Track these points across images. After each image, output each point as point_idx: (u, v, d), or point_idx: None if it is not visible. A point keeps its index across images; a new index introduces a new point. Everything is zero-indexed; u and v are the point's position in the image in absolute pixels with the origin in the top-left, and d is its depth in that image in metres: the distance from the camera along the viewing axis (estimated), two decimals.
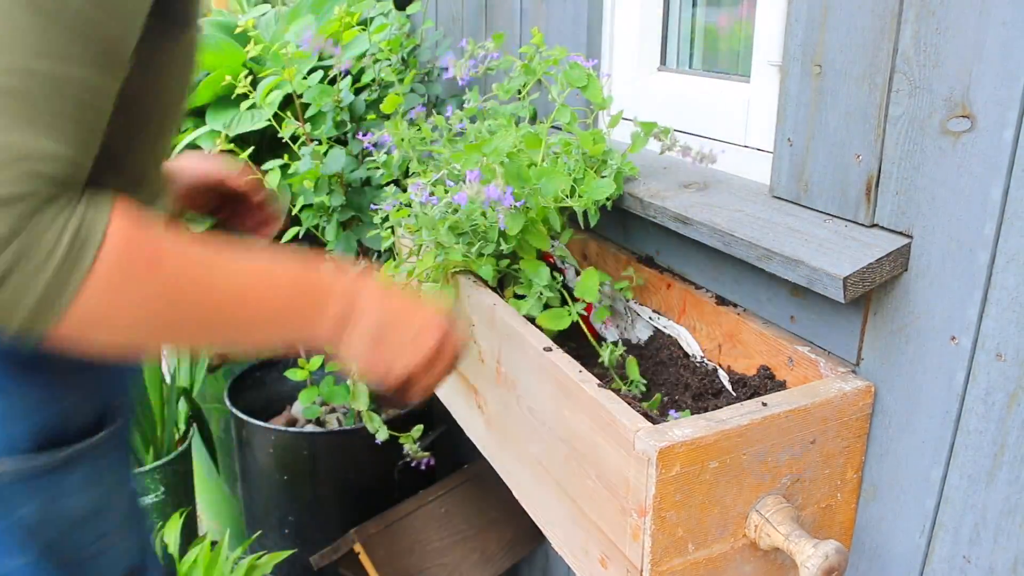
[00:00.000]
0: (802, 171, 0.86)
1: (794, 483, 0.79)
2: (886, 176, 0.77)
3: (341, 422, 2.00)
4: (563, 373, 0.84)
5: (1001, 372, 0.69)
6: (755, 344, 0.94)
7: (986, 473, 0.72)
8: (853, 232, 0.80)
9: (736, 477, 0.74)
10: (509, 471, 1.05)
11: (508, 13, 1.52)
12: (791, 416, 0.76)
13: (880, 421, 0.81)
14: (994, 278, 0.69)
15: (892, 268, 0.76)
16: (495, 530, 1.73)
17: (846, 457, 0.82)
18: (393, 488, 1.90)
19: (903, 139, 0.75)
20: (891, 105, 0.76)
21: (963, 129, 0.69)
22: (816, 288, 0.77)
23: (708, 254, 0.97)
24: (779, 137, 0.89)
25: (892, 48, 0.74)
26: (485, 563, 1.69)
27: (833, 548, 0.69)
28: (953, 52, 0.69)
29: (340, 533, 1.62)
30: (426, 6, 1.79)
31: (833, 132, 0.82)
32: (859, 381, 0.81)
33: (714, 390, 0.95)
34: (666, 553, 0.73)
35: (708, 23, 1.23)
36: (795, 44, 0.85)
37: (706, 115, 1.12)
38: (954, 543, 0.76)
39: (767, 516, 0.76)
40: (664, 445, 0.69)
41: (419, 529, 1.67)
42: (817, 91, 0.83)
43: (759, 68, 1.01)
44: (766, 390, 0.89)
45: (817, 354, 0.86)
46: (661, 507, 0.71)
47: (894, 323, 0.78)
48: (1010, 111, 0.65)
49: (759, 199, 0.93)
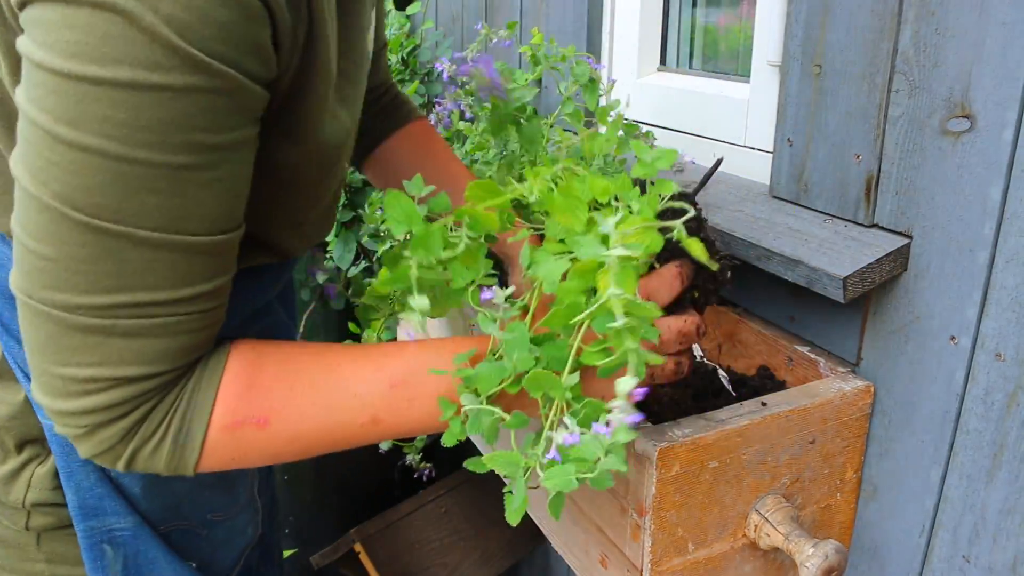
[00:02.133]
0: (802, 171, 0.86)
1: (794, 483, 0.79)
2: (886, 176, 0.77)
3: None
4: None
5: (1000, 372, 0.69)
6: (755, 344, 0.94)
7: (985, 473, 0.72)
8: (853, 232, 0.80)
9: (736, 477, 0.74)
10: None
11: (509, 13, 1.52)
12: (791, 416, 0.76)
13: (880, 421, 0.82)
14: (994, 278, 0.69)
15: (892, 268, 0.76)
16: (495, 530, 1.74)
17: (846, 457, 0.82)
18: (393, 488, 1.90)
19: (903, 139, 0.75)
20: (891, 105, 0.76)
21: (963, 129, 0.69)
22: (816, 288, 0.77)
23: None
24: (779, 137, 0.89)
25: (892, 48, 0.74)
26: (485, 563, 1.69)
27: (833, 548, 0.69)
28: (953, 52, 0.69)
29: (340, 533, 1.62)
30: (426, 6, 1.80)
31: (833, 132, 0.82)
32: (859, 381, 0.81)
33: (714, 390, 0.95)
34: (666, 553, 0.73)
35: (708, 23, 1.23)
36: (795, 44, 0.85)
37: (706, 115, 1.12)
38: (953, 543, 0.76)
39: (767, 516, 0.76)
40: (664, 445, 0.69)
41: (419, 529, 1.67)
42: (817, 91, 0.83)
43: (759, 68, 1.01)
44: (766, 390, 0.89)
45: (817, 354, 0.86)
46: (661, 507, 0.71)
47: (894, 323, 0.78)
48: (1009, 111, 0.65)
49: (759, 199, 0.93)
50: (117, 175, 0.50)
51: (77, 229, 0.51)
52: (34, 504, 0.73)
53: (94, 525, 0.73)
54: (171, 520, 0.78)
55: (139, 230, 0.52)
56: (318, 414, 0.63)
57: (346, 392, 0.63)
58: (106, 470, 0.73)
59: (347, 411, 0.63)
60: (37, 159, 0.50)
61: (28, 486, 0.73)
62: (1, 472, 0.73)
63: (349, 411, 0.63)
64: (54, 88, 0.48)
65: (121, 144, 0.49)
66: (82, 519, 0.72)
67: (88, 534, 0.73)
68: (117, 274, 0.53)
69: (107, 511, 0.73)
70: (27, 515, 0.74)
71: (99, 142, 0.49)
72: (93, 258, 0.52)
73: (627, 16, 1.27)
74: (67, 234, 0.51)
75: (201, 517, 0.80)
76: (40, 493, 0.73)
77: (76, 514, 0.72)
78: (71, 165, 0.50)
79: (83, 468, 0.71)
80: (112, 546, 0.74)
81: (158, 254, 0.53)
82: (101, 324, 0.54)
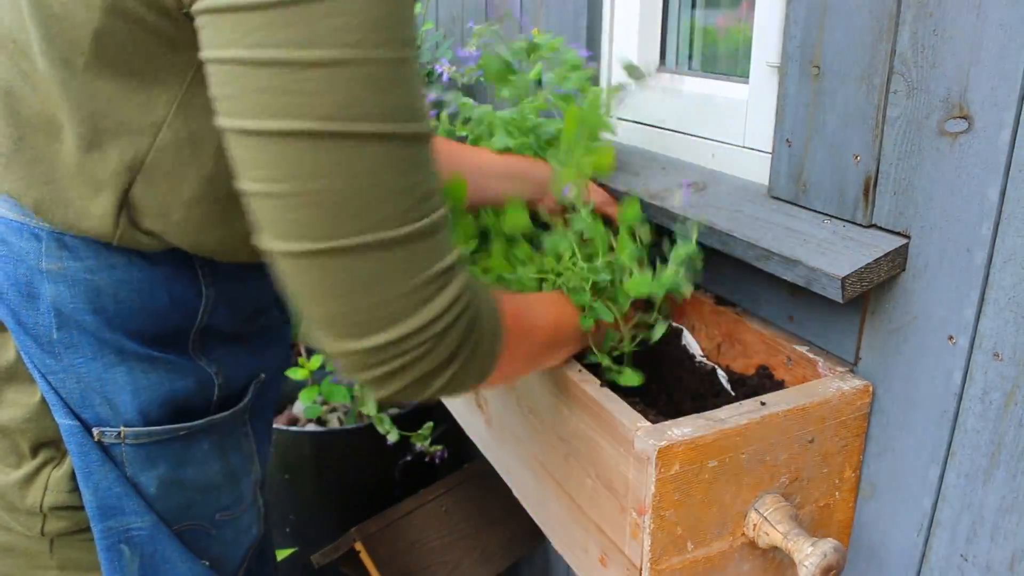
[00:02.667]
0: (800, 172, 0.87)
1: (792, 482, 0.79)
2: (884, 177, 0.78)
3: (342, 421, 2.00)
4: (563, 373, 0.84)
5: (998, 372, 0.69)
6: (754, 344, 0.95)
7: (983, 472, 0.72)
8: (851, 232, 0.80)
9: (735, 476, 0.75)
10: (509, 470, 1.06)
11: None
12: (789, 415, 0.76)
13: (878, 420, 0.82)
14: (991, 278, 0.69)
15: (890, 268, 0.76)
16: (495, 529, 1.74)
17: (844, 456, 0.82)
18: (393, 487, 1.90)
19: (901, 140, 0.75)
20: (889, 106, 0.76)
21: (960, 130, 0.69)
22: (814, 288, 0.77)
23: (707, 254, 0.97)
24: (777, 138, 0.89)
25: (890, 49, 0.74)
26: (485, 562, 1.70)
27: (831, 547, 0.70)
28: (950, 53, 0.69)
29: (341, 532, 1.62)
30: (426, 7, 1.80)
31: (831, 133, 0.82)
32: (857, 380, 0.82)
33: (713, 390, 0.95)
34: (665, 552, 0.74)
35: (707, 24, 1.24)
36: (793, 45, 0.85)
37: (705, 115, 1.12)
38: (951, 542, 0.76)
39: (766, 515, 0.76)
40: (663, 444, 0.69)
41: (419, 528, 1.67)
42: (815, 92, 0.83)
43: (758, 69, 1.01)
44: (765, 390, 0.89)
45: (815, 354, 0.86)
46: (660, 506, 0.71)
47: (892, 323, 0.79)
48: (1007, 112, 0.65)
49: (757, 199, 0.93)
50: (363, 78, 0.52)
51: (349, 144, 0.53)
52: (52, 508, 0.73)
53: (112, 525, 0.72)
54: (183, 520, 0.78)
55: (395, 126, 0.54)
56: (543, 326, 0.80)
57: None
58: (123, 470, 0.73)
59: (552, 328, 0.81)
60: (280, 97, 0.51)
61: (45, 489, 0.72)
62: (16, 477, 0.72)
63: (553, 323, 0.81)
64: (280, 21, 0.50)
65: (358, 49, 0.51)
66: (100, 519, 0.72)
67: (106, 535, 0.72)
68: (397, 176, 0.55)
69: (125, 511, 0.73)
70: (43, 519, 0.73)
71: (338, 53, 0.51)
72: (372, 170, 0.54)
73: (626, 17, 1.27)
74: (344, 154, 0.53)
75: (210, 517, 0.80)
76: (57, 496, 0.73)
77: (94, 515, 0.72)
78: (318, 85, 0.51)
79: (102, 468, 0.71)
80: (129, 546, 0.74)
81: (411, 149, 0.56)
82: (411, 231, 0.56)
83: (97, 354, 0.70)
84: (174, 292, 0.72)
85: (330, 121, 0.52)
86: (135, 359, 0.71)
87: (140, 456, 0.73)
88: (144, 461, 0.74)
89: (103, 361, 0.70)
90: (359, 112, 0.52)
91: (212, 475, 0.79)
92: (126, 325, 0.70)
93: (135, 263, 0.69)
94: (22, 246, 0.67)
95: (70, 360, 0.69)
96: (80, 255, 0.67)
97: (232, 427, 0.81)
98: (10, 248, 0.67)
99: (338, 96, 0.52)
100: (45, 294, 0.67)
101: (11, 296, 0.68)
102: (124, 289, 0.69)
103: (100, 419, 0.71)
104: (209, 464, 0.79)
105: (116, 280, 0.68)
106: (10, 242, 0.67)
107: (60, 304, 0.67)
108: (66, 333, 0.69)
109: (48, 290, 0.67)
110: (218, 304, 0.75)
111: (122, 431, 0.72)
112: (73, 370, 0.69)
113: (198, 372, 0.76)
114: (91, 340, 0.69)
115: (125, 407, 0.72)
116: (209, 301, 0.75)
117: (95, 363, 0.70)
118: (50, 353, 0.69)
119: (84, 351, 0.69)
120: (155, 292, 0.70)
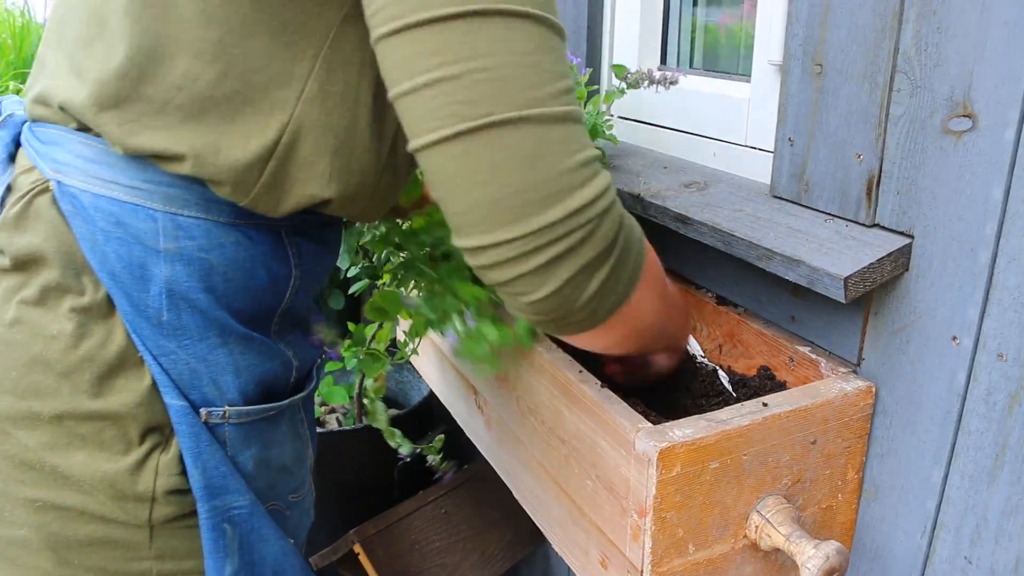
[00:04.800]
0: (803, 171, 0.86)
1: (795, 483, 0.79)
2: (887, 176, 0.77)
3: (341, 422, 2.00)
4: (563, 373, 0.84)
5: (1002, 372, 0.69)
6: (755, 344, 0.94)
7: (987, 474, 0.71)
8: (854, 232, 0.79)
9: (737, 477, 0.74)
10: (509, 472, 1.05)
11: None
12: (792, 416, 0.76)
13: (881, 421, 0.81)
14: (995, 278, 0.68)
15: (893, 268, 0.75)
16: (495, 531, 1.73)
17: (847, 457, 0.82)
18: (393, 488, 1.90)
19: (904, 139, 0.75)
20: (892, 104, 0.75)
21: (964, 129, 0.69)
22: (817, 288, 0.77)
23: (708, 254, 0.97)
24: (780, 137, 0.89)
25: (893, 47, 0.74)
26: (485, 564, 1.69)
27: (834, 549, 0.69)
28: (954, 51, 0.69)
29: (339, 533, 1.61)
30: None
31: (834, 132, 0.81)
32: (860, 381, 0.81)
33: (714, 391, 0.95)
34: (666, 554, 0.73)
35: (709, 22, 1.23)
36: (796, 43, 0.84)
37: (707, 114, 1.11)
38: (955, 544, 0.76)
39: (768, 517, 0.75)
40: (665, 445, 0.69)
41: (419, 530, 1.67)
42: (818, 91, 0.83)
43: (760, 67, 1.01)
44: (766, 390, 0.89)
45: (818, 354, 0.86)
46: (661, 508, 0.71)
47: (895, 323, 0.78)
48: (1011, 110, 0.65)
49: (759, 199, 0.93)
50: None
51: (513, 23, 0.56)
52: (164, 492, 0.72)
53: (217, 505, 0.74)
54: (268, 500, 0.80)
55: (548, 13, 0.59)
56: (672, 293, 0.79)
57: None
58: (227, 449, 0.75)
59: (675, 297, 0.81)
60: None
61: (156, 474, 0.72)
62: (126, 464, 0.71)
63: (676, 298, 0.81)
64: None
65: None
66: (207, 499, 0.73)
67: (212, 514, 0.73)
68: (553, 60, 0.59)
69: (229, 489, 0.74)
70: (151, 505, 0.73)
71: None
72: (533, 50, 0.57)
73: (627, 15, 1.27)
74: (510, 31, 0.56)
75: (285, 498, 0.83)
76: (168, 480, 0.72)
77: (202, 495, 0.73)
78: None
79: (210, 448, 0.73)
80: (231, 525, 0.75)
81: (559, 39, 0.60)
82: (566, 111, 0.58)
83: (203, 335, 0.72)
84: (272, 271, 0.75)
85: (496, 1, 0.56)
86: (235, 340, 0.74)
87: (240, 435, 0.76)
88: (243, 441, 0.76)
89: (208, 343, 0.72)
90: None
91: (286, 456, 0.82)
92: (231, 304, 0.73)
93: (241, 243, 0.72)
94: (140, 227, 0.69)
95: (178, 342, 0.71)
96: (193, 234, 0.70)
97: (296, 411, 0.84)
98: (127, 230, 0.69)
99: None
100: (158, 275, 0.69)
101: (124, 278, 0.69)
102: (232, 268, 0.72)
103: (207, 399, 0.73)
104: (284, 445, 0.82)
105: (227, 259, 0.72)
106: (127, 223, 0.69)
107: (174, 283, 0.70)
108: (175, 315, 0.71)
109: (162, 271, 0.69)
110: (300, 286, 0.79)
111: (226, 411, 0.74)
112: (183, 351, 0.72)
113: (281, 354, 0.79)
114: (198, 321, 0.72)
115: (228, 387, 0.74)
116: (296, 281, 0.78)
117: (201, 344, 0.72)
118: (162, 334, 0.71)
119: (191, 332, 0.72)
120: (256, 271, 0.74)
